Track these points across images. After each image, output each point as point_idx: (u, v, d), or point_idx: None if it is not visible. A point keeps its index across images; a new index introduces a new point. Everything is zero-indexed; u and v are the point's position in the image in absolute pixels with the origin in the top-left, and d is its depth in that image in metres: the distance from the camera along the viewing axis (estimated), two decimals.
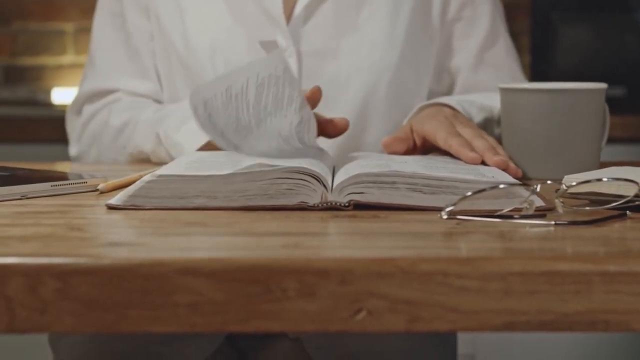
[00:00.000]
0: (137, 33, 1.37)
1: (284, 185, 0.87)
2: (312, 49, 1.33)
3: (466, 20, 1.38)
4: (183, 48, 1.34)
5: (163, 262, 0.67)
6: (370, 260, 0.68)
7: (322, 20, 1.34)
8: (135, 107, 1.35)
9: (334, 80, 1.33)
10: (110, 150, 1.34)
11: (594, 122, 1.09)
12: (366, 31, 1.34)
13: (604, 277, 0.67)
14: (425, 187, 0.87)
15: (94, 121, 1.38)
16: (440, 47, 1.39)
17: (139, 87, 1.37)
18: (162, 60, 1.37)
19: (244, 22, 1.33)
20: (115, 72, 1.38)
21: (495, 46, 1.40)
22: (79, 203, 0.91)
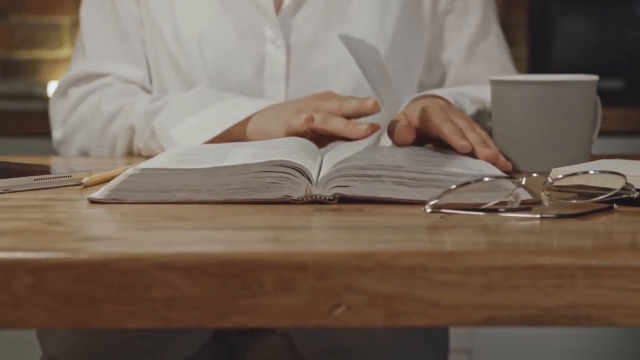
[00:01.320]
0: (128, 18, 1.35)
1: (267, 179, 0.86)
2: (302, 40, 1.32)
3: (458, 12, 1.37)
4: (171, 37, 1.32)
5: (140, 256, 0.66)
6: (350, 254, 0.67)
7: (312, 11, 1.33)
8: (128, 94, 1.32)
9: (323, 71, 1.32)
10: (99, 137, 1.31)
11: (585, 115, 1.08)
12: (356, 22, 1.33)
13: (587, 271, 0.66)
14: (410, 180, 0.86)
15: (84, 105, 1.34)
16: (432, 39, 1.38)
17: (130, 73, 1.35)
18: (150, 49, 1.36)
19: (233, 13, 1.32)
20: (106, 56, 1.35)
21: (487, 39, 1.39)
22: (62, 197, 0.90)
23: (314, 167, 0.94)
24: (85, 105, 1.34)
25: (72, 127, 1.35)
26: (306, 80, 1.32)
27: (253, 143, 1.07)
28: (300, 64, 1.32)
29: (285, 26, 1.32)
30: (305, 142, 1.05)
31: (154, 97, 1.30)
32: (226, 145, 1.06)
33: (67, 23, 2.81)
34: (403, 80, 1.35)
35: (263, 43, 1.31)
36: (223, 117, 1.20)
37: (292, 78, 1.32)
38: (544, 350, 2.30)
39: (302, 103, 1.16)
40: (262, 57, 1.31)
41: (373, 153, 0.98)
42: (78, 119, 1.34)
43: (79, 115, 1.34)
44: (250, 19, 1.31)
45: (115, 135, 1.30)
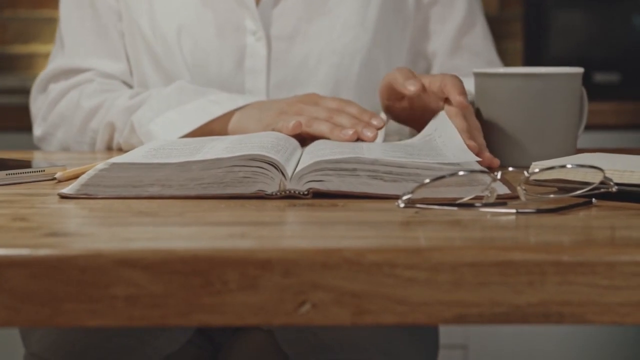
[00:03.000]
0: (106, 12, 1.34)
1: (240, 174, 0.84)
2: (282, 33, 1.31)
3: (442, 4, 1.36)
4: (150, 31, 1.31)
5: (100, 253, 0.65)
6: (316, 251, 0.65)
7: (292, 3, 1.31)
8: (108, 90, 1.31)
9: (304, 63, 1.30)
10: (80, 133, 1.30)
11: (569, 108, 1.06)
12: (338, 13, 1.31)
13: (558, 267, 0.64)
14: (386, 174, 0.85)
15: (63, 101, 1.33)
16: (416, 30, 1.37)
17: (109, 67, 1.33)
18: (129, 43, 1.34)
19: (212, 5, 1.30)
20: (85, 51, 1.34)
21: (472, 31, 1.37)
22: (33, 192, 0.89)
23: (291, 161, 0.93)
24: (65, 102, 1.32)
25: (52, 123, 1.33)
26: (287, 72, 1.30)
27: (229, 137, 1.05)
28: (280, 56, 1.30)
29: (266, 18, 1.30)
30: (283, 137, 1.04)
31: (135, 92, 1.28)
32: (203, 139, 1.05)
33: None
34: (384, 71, 1.33)
35: (243, 35, 1.30)
36: (202, 112, 1.18)
37: (272, 70, 1.30)
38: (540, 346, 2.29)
39: (285, 105, 1.14)
40: (243, 49, 1.30)
41: (350, 147, 0.97)
42: (58, 116, 1.33)
43: (59, 112, 1.33)
44: (230, 11, 1.30)
45: (95, 131, 1.28)
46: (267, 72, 1.30)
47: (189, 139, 1.06)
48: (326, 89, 1.30)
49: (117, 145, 1.27)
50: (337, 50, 1.30)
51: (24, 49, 2.80)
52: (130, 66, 1.35)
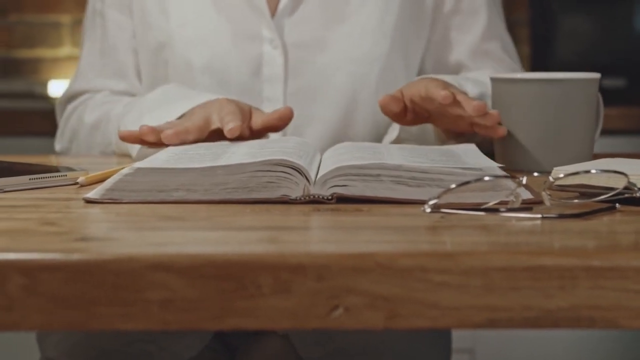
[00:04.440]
0: (116, 31, 1.36)
1: (264, 178, 0.85)
2: (299, 41, 1.31)
3: (464, 13, 1.37)
4: (168, 43, 1.32)
5: (134, 257, 0.65)
6: (348, 255, 0.66)
7: (309, 12, 1.32)
8: (108, 102, 1.35)
9: (321, 71, 1.31)
10: (87, 147, 1.35)
11: (587, 113, 1.06)
12: (356, 21, 1.32)
13: (589, 272, 0.65)
14: (410, 179, 0.85)
15: (73, 117, 1.38)
16: (437, 39, 1.37)
17: (114, 86, 1.38)
18: (147, 57, 1.36)
19: (228, 15, 1.31)
20: (91, 74, 1.39)
21: (495, 39, 1.38)
22: (57, 197, 0.89)
23: (312, 166, 0.93)
24: (74, 118, 1.38)
25: (67, 139, 1.39)
26: (304, 80, 1.31)
27: (249, 142, 1.06)
28: (298, 64, 1.31)
29: (282, 26, 1.31)
30: (302, 141, 1.04)
31: (129, 100, 1.31)
32: (222, 143, 1.05)
33: (67, 22, 2.80)
34: (402, 78, 1.34)
35: (260, 44, 1.31)
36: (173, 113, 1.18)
37: (290, 78, 1.31)
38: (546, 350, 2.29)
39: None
40: (260, 57, 1.30)
41: (371, 152, 0.97)
42: (70, 132, 1.38)
43: (70, 128, 1.38)
44: (246, 20, 1.31)
45: (99, 144, 1.33)
46: (284, 80, 1.30)
47: (209, 144, 1.07)
48: (344, 96, 1.31)
49: (112, 152, 1.29)
50: (355, 57, 1.31)
51: (30, 53, 2.81)
52: (142, 80, 1.37)
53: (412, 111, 1.14)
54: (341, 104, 1.31)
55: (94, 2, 1.39)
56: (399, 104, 1.13)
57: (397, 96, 1.13)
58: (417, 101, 1.11)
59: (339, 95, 1.31)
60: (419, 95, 1.10)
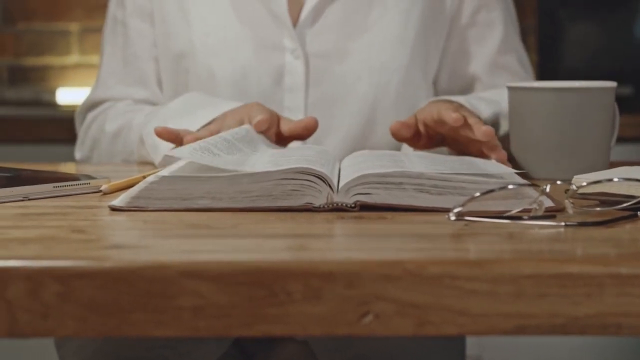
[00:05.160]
0: (138, 40, 1.37)
1: (289, 186, 0.86)
2: (321, 51, 1.32)
3: (480, 26, 1.38)
4: (190, 52, 1.33)
5: (166, 265, 0.66)
6: (377, 262, 0.66)
7: (331, 22, 1.33)
8: (130, 110, 1.35)
9: (342, 81, 1.32)
10: (108, 155, 1.35)
11: (604, 121, 1.07)
12: (377, 31, 1.33)
13: (615, 279, 0.66)
14: (432, 187, 0.86)
15: (94, 126, 1.39)
16: (454, 51, 1.39)
17: (138, 94, 1.39)
18: (168, 65, 1.37)
19: (250, 24, 1.32)
20: (112, 82, 1.40)
21: (510, 52, 1.40)
22: (82, 204, 0.90)
23: (333, 174, 0.94)
24: (95, 127, 1.39)
25: (88, 147, 1.40)
26: (325, 89, 1.32)
27: (269, 150, 1.07)
28: (319, 73, 1.32)
29: (304, 36, 1.32)
30: (321, 150, 1.05)
31: (152, 109, 1.32)
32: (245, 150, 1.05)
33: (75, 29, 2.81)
34: (421, 88, 1.35)
35: (282, 53, 1.32)
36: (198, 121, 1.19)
37: (311, 88, 1.32)
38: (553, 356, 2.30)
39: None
40: (281, 67, 1.32)
41: (392, 160, 0.98)
42: (90, 140, 1.39)
43: (91, 137, 1.39)
44: (268, 30, 1.32)
45: (120, 152, 1.33)
46: (305, 89, 1.31)
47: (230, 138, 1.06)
48: (365, 106, 1.32)
49: (134, 160, 1.30)
50: (376, 67, 1.32)
51: (38, 61, 2.82)
52: (163, 89, 1.38)
53: (425, 135, 1.15)
54: (361, 113, 1.32)
55: (114, 10, 1.40)
56: (410, 129, 1.14)
57: (409, 122, 1.14)
58: (429, 124, 1.12)
59: (360, 104, 1.32)
60: (431, 119, 1.11)
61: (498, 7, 1.39)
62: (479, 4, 1.38)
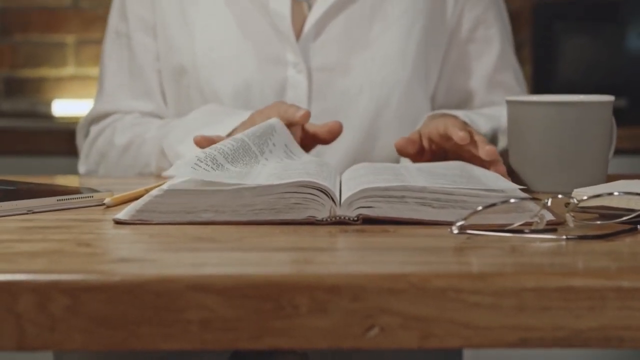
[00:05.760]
0: (142, 53, 1.38)
1: (292, 200, 0.87)
2: (323, 65, 1.33)
3: (478, 42, 1.40)
4: (192, 66, 1.34)
5: (174, 278, 0.67)
6: (382, 276, 0.67)
7: (333, 36, 1.34)
8: (138, 124, 1.36)
9: (344, 95, 1.33)
10: (117, 168, 1.36)
11: (602, 135, 1.08)
12: (378, 46, 1.34)
13: (617, 292, 0.67)
14: (434, 201, 0.87)
15: (100, 140, 1.39)
16: (452, 66, 1.40)
17: (145, 107, 1.39)
18: (170, 79, 1.37)
19: (253, 39, 1.33)
20: (119, 95, 1.40)
21: (506, 69, 1.41)
22: (86, 218, 0.91)
23: (335, 187, 0.95)
24: (101, 140, 1.39)
25: (93, 161, 1.40)
26: (327, 103, 1.33)
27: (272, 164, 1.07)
28: (321, 88, 1.33)
29: (307, 51, 1.33)
30: (323, 163, 1.06)
31: (163, 123, 1.33)
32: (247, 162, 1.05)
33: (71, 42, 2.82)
34: (421, 102, 1.37)
35: (284, 68, 1.33)
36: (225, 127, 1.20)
37: (313, 102, 1.33)
38: None
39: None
40: (284, 81, 1.32)
41: (393, 173, 0.99)
42: (97, 154, 1.39)
43: (97, 150, 1.39)
44: (271, 44, 1.33)
45: (131, 166, 1.33)
46: (308, 103, 1.32)
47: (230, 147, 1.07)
48: (366, 120, 1.33)
49: (149, 172, 1.30)
50: (378, 82, 1.33)
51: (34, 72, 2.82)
52: (167, 102, 1.38)
53: (429, 150, 1.16)
54: (363, 127, 1.33)
55: (116, 23, 1.41)
56: (415, 145, 1.16)
57: (413, 138, 1.16)
58: (435, 139, 1.13)
59: (361, 118, 1.33)
60: (437, 133, 1.12)
61: (496, 24, 1.40)
62: (477, 20, 1.39)
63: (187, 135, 1.23)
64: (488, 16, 1.40)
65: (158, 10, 1.37)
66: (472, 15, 1.40)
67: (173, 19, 1.36)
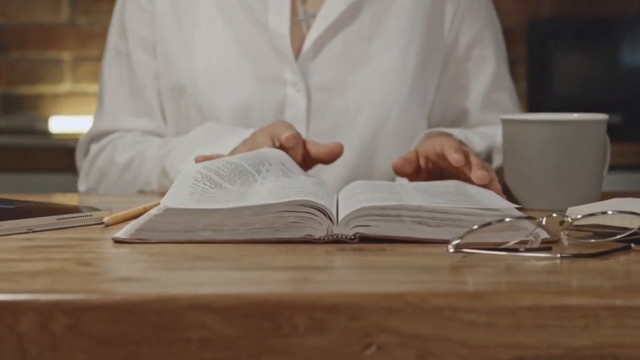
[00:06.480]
0: (143, 71, 1.39)
1: (290, 219, 0.88)
2: (322, 84, 1.35)
3: (475, 61, 1.41)
4: (192, 84, 1.35)
5: (174, 297, 0.68)
6: (380, 295, 0.68)
7: (332, 55, 1.35)
8: (139, 142, 1.37)
9: (343, 113, 1.34)
10: (117, 187, 1.36)
11: (596, 153, 1.10)
12: (377, 65, 1.35)
13: (611, 311, 0.68)
14: (430, 219, 0.88)
15: (100, 158, 1.40)
16: (447, 85, 1.41)
17: (145, 125, 1.40)
18: (169, 97, 1.39)
19: (252, 58, 1.35)
20: (122, 112, 1.41)
21: (501, 88, 1.43)
22: (86, 236, 0.92)
23: (332, 205, 0.96)
24: (102, 158, 1.40)
25: (94, 179, 1.41)
26: (326, 122, 1.34)
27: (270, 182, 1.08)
28: (320, 106, 1.34)
29: (305, 70, 1.34)
30: (320, 181, 1.07)
31: (163, 141, 1.34)
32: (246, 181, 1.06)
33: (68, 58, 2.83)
34: (419, 120, 1.38)
35: (283, 87, 1.34)
36: (227, 146, 1.21)
37: (312, 120, 1.34)
38: None
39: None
40: (283, 100, 1.34)
41: (390, 192, 1.00)
42: (97, 172, 1.40)
43: (97, 168, 1.40)
44: (270, 63, 1.34)
45: (131, 184, 1.34)
46: (306, 122, 1.33)
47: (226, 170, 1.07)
48: (364, 138, 1.34)
49: (150, 190, 1.31)
50: (376, 100, 1.35)
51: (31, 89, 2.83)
52: (166, 120, 1.39)
53: (425, 169, 1.17)
54: (362, 145, 1.34)
55: (116, 41, 1.42)
56: (412, 165, 1.17)
57: (410, 158, 1.17)
58: (432, 158, 1.15)
59: (360, 136, 1.34)
60: (434, 152, 1.14)
61: (491, 44, 1.42)
62: (474, 39, 1.41)
63: (189, 153, 1.24)
64: (484, 35, 1.42)
65: (157, 28, 1.38)
66: (468, 34, 1.41)
67: (172, 37, 1.37)
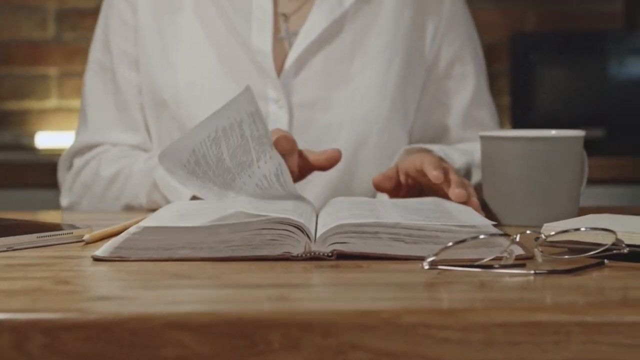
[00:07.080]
0: (127, 86, 1.40)
1: (268, 236, 0.88)
2: (304, 101, 1.36)
3: (455, 79, 1.42)
4: (174, 101, 1.36)
5: (151, 316, 0.68)
6: (354, 312, 0.69)
7: (314, 73, 1.36)
8: (125, 156, 1.37)
9: (325, 130, 1.35)
10: (102, 201, 1.36)
11: (573, 169, 1.11)
12: (358, 82, 1.37)
13: (582, 327, 0.68)
14: (407, 236, 0.89)
15: (85, 171, 1.40)
16: (428, 101, 1.43)
17: (129, 140, 1.41)
18: (152, 112, 1.39)
19: (234, 75, 1.35)
20: (107, 126, 1.41)
21: (481, 106, 1.44)
22: (65, 254, 0.92)
23: (311, 223, 0.97)
24: (86, 172, 1.40)
25: (77, 193, 1.41)
26: (308, 139, 1.35)
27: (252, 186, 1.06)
28: (302, 123, 1.35)
29: (288, 87, 1.35)
30: (301, 198, 1.08)
31: (149, 155, 1.34)
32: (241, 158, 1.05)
33: (54, 74, 2.83)
34: (400, 137, 1.39)
35: (265, 103, 1.35)
36: None
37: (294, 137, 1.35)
38: None
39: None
40: (265, 117, 1.35)
41: (367, 208, 1.01)
42: (81, 186, 1.40)
43: (81, 182, 1.40)
44: (252, 80, 1.35)
45: (117, 198, 1.34)
46: None
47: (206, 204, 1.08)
48: (346, 154, 1.35)
49: (139, 205, 1.32)
50: (358, 117, 1.36)
51: (18, 105, 2.84)
52: (151, 136, 1.40)
53: (405, 185, 1.18)
54: (343, 161, 1.35)
55: (100, 56, 1.42)
56: (392, 181, 1.18)
57: (389, 174, 1.18)
58: (411, 174, 1.16)
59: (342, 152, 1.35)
60: (414, 168, 1.15)
61: (472, 61, 1.43)
62: (454, 56, 1.42)
63: None
64: (465, 52, 1.43)
65: (140, 44, 1.39)
66: (449, 52, 1.42)
67: (155, 53, 1.38)
